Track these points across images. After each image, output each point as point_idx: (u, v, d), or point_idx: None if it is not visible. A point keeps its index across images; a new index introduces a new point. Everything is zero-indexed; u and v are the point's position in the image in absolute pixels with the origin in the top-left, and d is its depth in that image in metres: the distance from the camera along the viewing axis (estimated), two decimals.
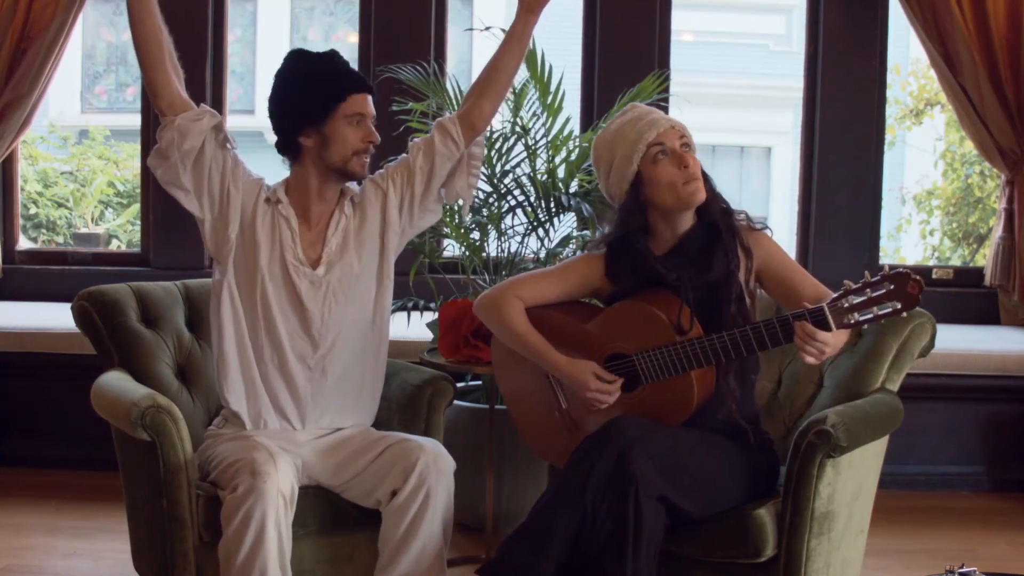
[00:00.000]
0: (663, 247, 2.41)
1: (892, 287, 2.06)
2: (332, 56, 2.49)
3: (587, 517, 2.14)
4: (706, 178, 2.37)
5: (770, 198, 10.28)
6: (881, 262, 4.69)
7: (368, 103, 2.47)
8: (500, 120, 3.41)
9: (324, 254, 2.49)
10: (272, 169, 2.60)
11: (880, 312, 2.08)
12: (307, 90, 2.43)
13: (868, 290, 2.08)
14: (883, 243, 4.91)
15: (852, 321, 2.09)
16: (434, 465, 2.31)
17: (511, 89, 3.34)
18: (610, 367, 2.36)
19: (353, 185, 2.56)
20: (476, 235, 3.39)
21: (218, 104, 4.41)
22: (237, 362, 2.46)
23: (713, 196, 2.37)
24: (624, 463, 2.11)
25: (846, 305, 2.09)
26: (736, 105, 9.53)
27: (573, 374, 2.36)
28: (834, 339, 2.13)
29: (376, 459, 2.37)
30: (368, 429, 2.55)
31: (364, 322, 2.53)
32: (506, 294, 2.47)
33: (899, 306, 2.06)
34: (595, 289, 2.49)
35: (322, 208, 2.52)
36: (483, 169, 3.34)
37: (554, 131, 3.34)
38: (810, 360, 2.13)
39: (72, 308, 2.69)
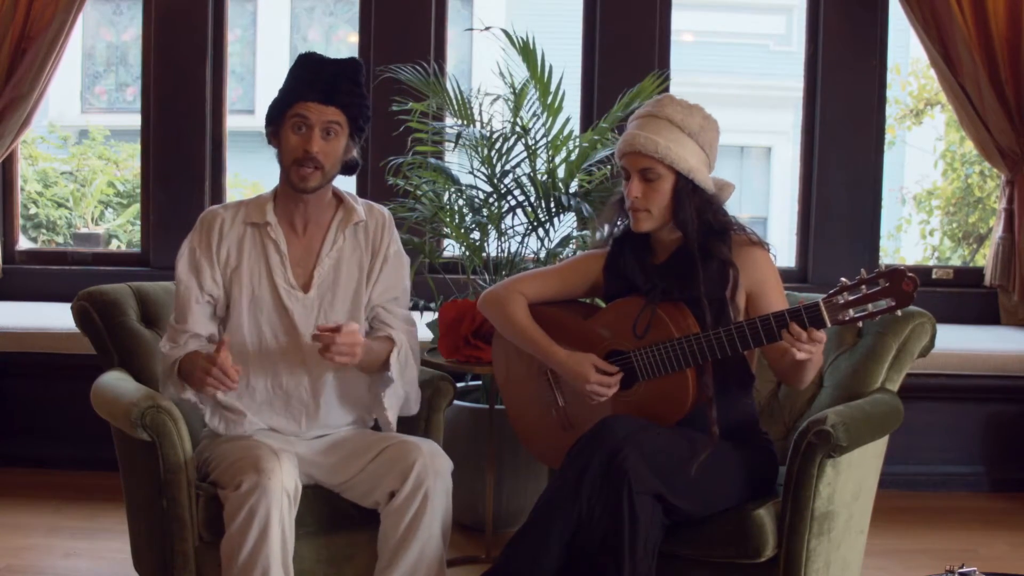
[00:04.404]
0: (662, 255, 2.42)
1: (887, 284, 2.06)
2: (318, 60, 2.40)
3: (583, 517, 2.15)
4: (678, 203, 2.31)
5: (770, 198, 10.26)
6: (881, 262, 4.69)
7: (318, 111, 2.33)
8: (500, 120, 3.41)
9: (316, 275, 2.44)
10: (273, 169, 2.58)
11: (875, 309, 2.08)
12: (278, 92, 2.41)
13: (863, 287, 2.08)
14: (883, 243, 4.91)
15: (847, 318, 2.10)
16: (431, 466, 2.30)
17: (511, 89, 3.35)
18: (609, 363, 2.36)
19: (359, 210, 2.49)
20: (476, 235, 3.39)
21: (218, 104, 4.41)
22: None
23: (683, 221, 2.32)
24: (617, 461, 2.12)
25: (841, 302, 2.09)
26: (736, 105, 9.51)
27: (573, 367, 2.36)
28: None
29: (374, 460, 2.36)
30: (365, 430, 2.54)
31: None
32: (509, 290, 2.50)
33: (894, 303, 2.07)
34: (595, 286, 2.51)
35: (314, 221, 2.46)
36: (483, 169, 3.36)
37: (554, 131, 3.34)
38: (801, 356, 2.13)
39: (72, 308, 2.69)
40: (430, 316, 3.34)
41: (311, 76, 2.37)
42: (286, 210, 2.46)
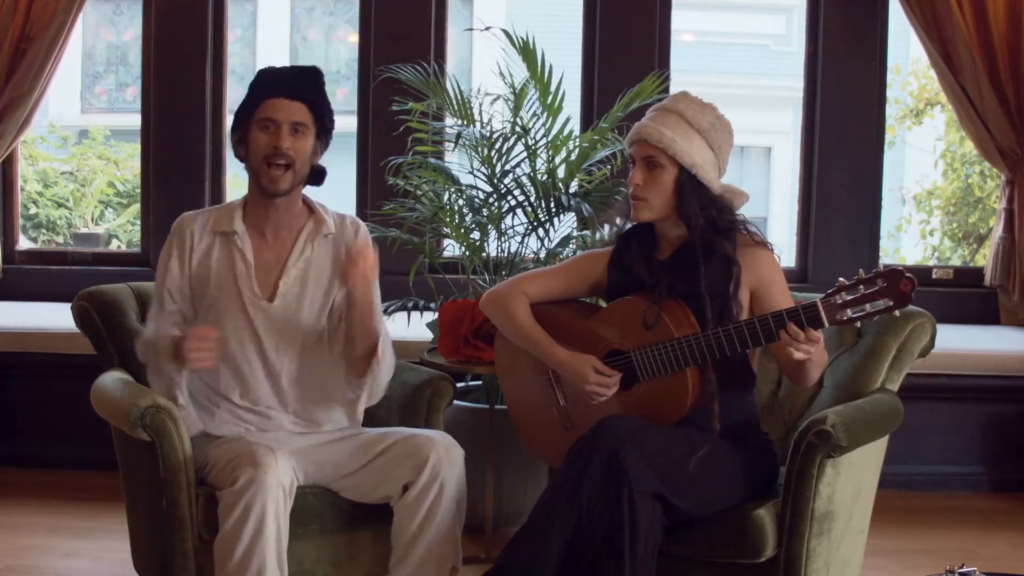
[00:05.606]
0: (667, 251, 2.42)
1: (885, 284, 2.07)
2: (276, 68, 2.45)
3: (583, 516, 2.15)
4: (681, 197, 2.32)
5: (770, 198, 10.26)
6: (881, 262, 4.69)
7: (285, 108, 2.35)
8: (500, 120, 3.41)
9: (281, 285, 2.44)
10: None
11: (873, 309, 2.09)
12: (240, 104, 2.43)
13: (861, 287, 2.09)
14: (883, 243, 4.91)
15: (845, 318, 2.11)
16: (446, 457, 2.32)
17: (511, 89, 3.35)
18: (609, 363, 2.37)
19: (329, 222, 2.49)
20: (476, 235, 3.39)
21: (218, 104, 4.42)
22: (196, 391, 2.44)
23: (687, 215, 2.32)
24: (616, 461, 2.12)
25: (839, 302, 2.10)
26: (736, 105, 9.49)
27: (573, 367, 2.37)
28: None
29: (381, 454, 2.37)
30: (360, 428, 2.54)
31: (321, 339, 2.49)
32: (512, 290, 2.51)
33: (891, 303, 2.08)
34: (597, 285, 2.51)
35: (284, 228, 2.46)
36: (483, 169, 3.36)
37: (554, 131, 3.34)
38: (799, 356, 2.13)
39: (72, 308, 2.70)
40: (430, 316, 3.35)
41: (272, 79, 2.42)
42: (255, 218, 2.46)
